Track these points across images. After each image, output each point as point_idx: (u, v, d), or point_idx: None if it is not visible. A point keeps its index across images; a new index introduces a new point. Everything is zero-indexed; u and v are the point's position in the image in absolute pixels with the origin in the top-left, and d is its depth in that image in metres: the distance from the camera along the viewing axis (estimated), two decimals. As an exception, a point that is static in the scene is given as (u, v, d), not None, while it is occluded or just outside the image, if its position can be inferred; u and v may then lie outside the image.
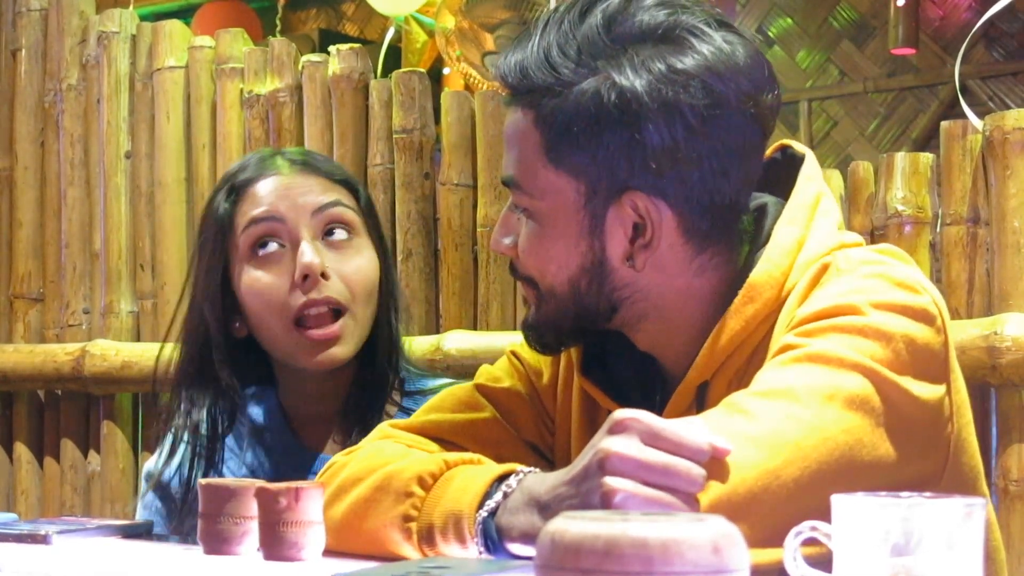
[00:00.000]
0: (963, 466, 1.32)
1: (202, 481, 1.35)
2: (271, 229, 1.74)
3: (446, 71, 4.45)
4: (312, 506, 1.27)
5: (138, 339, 2.73)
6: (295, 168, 1.78)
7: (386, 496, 1.31)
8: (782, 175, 1.42)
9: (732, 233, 1.38)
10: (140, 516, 1.88)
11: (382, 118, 2.48)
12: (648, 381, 1.46)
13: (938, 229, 2.08)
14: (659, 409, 1.39)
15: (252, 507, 1.30)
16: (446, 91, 2.50)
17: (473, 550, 1.22)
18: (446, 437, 1.47)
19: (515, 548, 1.19)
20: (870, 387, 1.22)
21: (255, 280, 1.74)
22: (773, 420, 1.19)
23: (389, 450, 1.40)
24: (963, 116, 2.17)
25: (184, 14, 4.59)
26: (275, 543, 1.26)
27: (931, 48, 4.97)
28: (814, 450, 1.18)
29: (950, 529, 0.90)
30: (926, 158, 2.11)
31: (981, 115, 2.10)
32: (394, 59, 4.41)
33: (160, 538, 1.63)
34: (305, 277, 1.71)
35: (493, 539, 1.20)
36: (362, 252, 1.77)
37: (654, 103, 1.30)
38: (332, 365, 1.74)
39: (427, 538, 1.26)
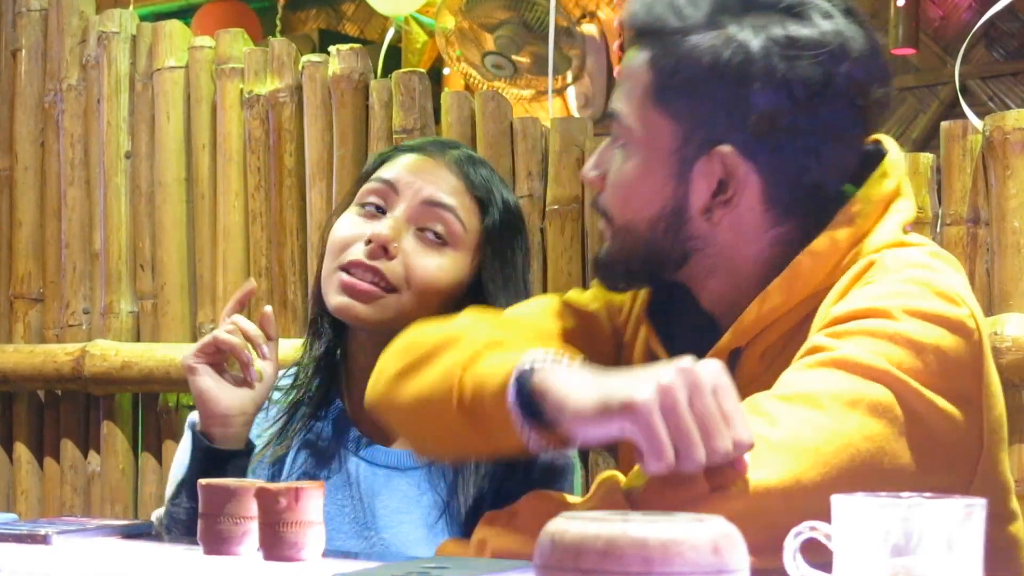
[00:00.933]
0: (992, 483, 1.31)
1: (202, 481, 1.35)
2: (382, 193, 1.76)
3: (446, 71, 4.45)
4: (312, 506, 1.27)
5: (138, 339, 2.73)
6: (448, 161, 1.79)
7: (449, 356, 1.35)
8: (867, 167, 1.43)
9: (812, 215, 1.38)
10: (180, 459, 1.84)
11: (382, 118, 2.48)
12: (704, 342, 1.46)
13: (938, 229, 2.08)
14: None
15: (252, 507, 1.30)
16: (446, 91, 2.50)
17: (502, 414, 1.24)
18: (525, 335, 1.49)
19: (539, 410, 1.21)
20: (895, 396, 1.21)
21: (342, 221, 1.77)
22: (794, 425, 1.19)
23: (466, 328, 1.43)
24: (963, 116, 2.17)
25: (184, 14, 4.59)
26: (275, 543, 1.26)
27: (931, 48, 4.96)
28: (834, 456, 1.18)
29: (950, 529, 0.90)
30: (926, 158, 2.10)
31: (981, 115, 2.10)
32: (394, 59, 4.41)
33: (160, 538, 1.63)
34: (369, 242, 1.72)
35: (525, 396, 1.22)
36: (443, 258, 1.75)
37: (767, 67, 1.33)
38: (346, 316, 1.73)
39: (469, 394, 1.30)
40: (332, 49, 2.54)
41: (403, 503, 1.73)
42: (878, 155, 1.43)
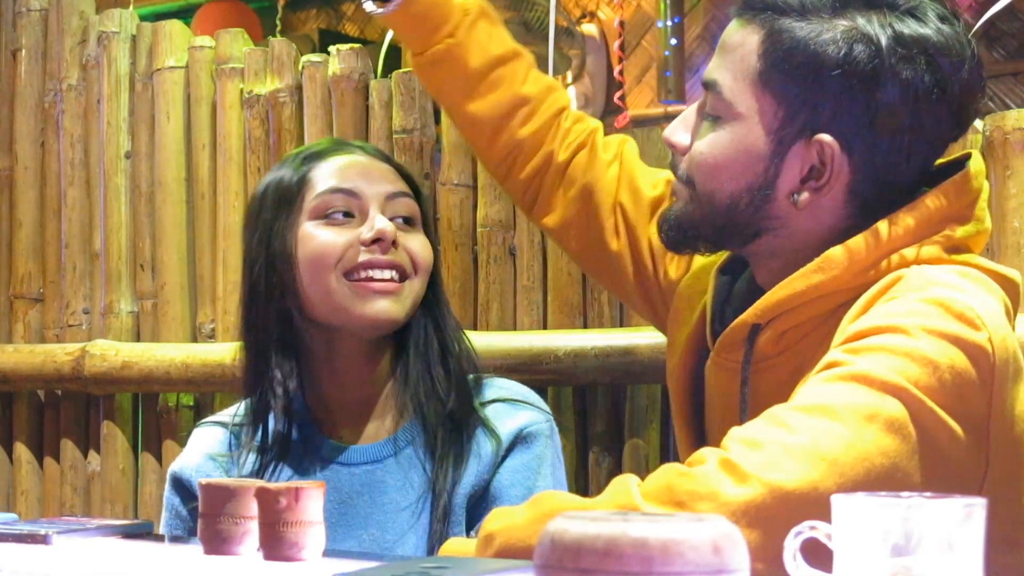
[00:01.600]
0: (1010, 508, 1.30)
1: (202, 481, 1.35)
2: (344, 202, 1.77)
3: (446, 71, 4.44)
4: (312, 506, 1.27)
5: (138, 339, 2.73)
6: (372, 155, 1.84)
7: None
8: (948, 176, 1.43)
9: (884, 212, 1.39)
10: (166, 522, 1.83)
11: (382, 118, 2.48)
12: (739, 315, 1.48)
13: (938, 229, 2.08)
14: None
15: (252, 507, 1.30)
16: (446, 91, 2.50)
17: None
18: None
19: None
20: (909, 413, 1.22)
21: (315, 234, 1.75)
22: (812, 434, 1.19)
23: None
24: (963, 116, 2.17)
25: (184, 14, 4.58)
26: (275, 543, 1.26)
27: (931, 48, 4.95)
28: (851, 468, 1.18)
29: (950, 529, 0.90)
30: (926, 158, 2.10)
31: (981, 115, 2.10)
32: (394, 59, 4.40)
33: (160, 538, 1.63)
34: (376, 240, 1.73)
35: None
36: (421, 237, 1.81)
37: (891, 64, 1.34)
38: (382, 320, 1.72)
39: None
40: (332, 49, 2.54)
41: (384, 495, 1.73)
42: (960, 169, 1.43)
